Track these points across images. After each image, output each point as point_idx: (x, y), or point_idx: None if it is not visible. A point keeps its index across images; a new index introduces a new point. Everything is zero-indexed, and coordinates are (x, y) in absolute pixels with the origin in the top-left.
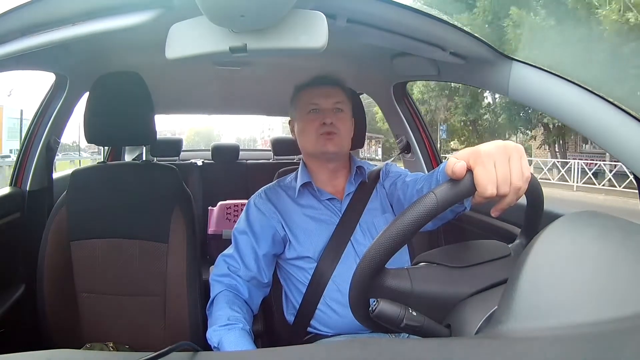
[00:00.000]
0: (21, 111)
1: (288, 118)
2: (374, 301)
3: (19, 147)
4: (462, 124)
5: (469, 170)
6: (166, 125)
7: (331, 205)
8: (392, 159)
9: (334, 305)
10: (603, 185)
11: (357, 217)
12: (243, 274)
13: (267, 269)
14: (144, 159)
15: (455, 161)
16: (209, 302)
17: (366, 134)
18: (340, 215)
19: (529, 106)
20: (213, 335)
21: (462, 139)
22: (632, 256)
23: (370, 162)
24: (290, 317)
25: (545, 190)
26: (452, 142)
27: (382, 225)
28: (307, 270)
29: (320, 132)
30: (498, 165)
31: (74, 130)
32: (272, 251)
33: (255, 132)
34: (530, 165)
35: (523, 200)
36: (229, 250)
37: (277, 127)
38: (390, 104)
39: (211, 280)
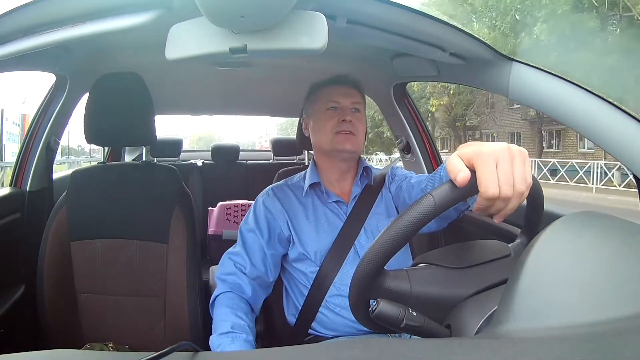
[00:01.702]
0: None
1: (285, 119)
2: (374, 301)
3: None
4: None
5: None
6: (170, 130)
7: (337, 207)
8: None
9: (336, 309)
10: None
11: (362, 221)
12: (249, 272)
13: (274, 269)
14: (144, 159)
15: (459, 169)
16: (212, 299)
17: None
18: (345, 219)
19: (529, 107)
20: (215, 342)
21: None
22: (632, 256)
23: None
24: (291, 318)
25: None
26: None
27: None
28: (309, 272)
29: (338, 129)
30: (500, 166)
31: None
32: (280, 251)
33: (255, 136)
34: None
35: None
36: (235, 248)
37: (272, 132)
38: (390, 105)
39: (216, 279)
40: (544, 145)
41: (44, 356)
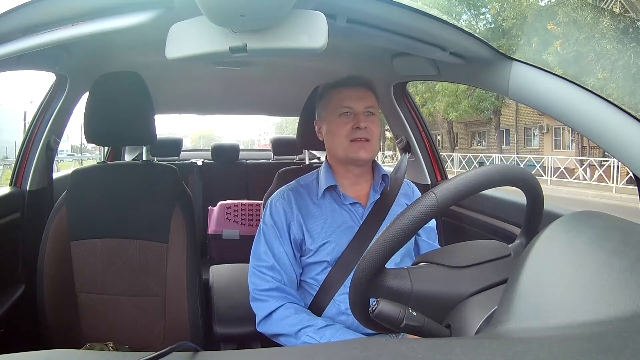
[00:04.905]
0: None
1: (281, 118)
2: (374, 301)
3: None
4: None
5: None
6: (172, 129)
7: (353, 210)
8: None
9: (343, 307)
10: None
11: (378, 225)
12: (288, 282)
13: (298, 269)
14: (144, 158)
15: None
16: (261, 317)
17: None
18: (361, 222)
19: (529, 106)
20: (314, 335)
21: None
22: (632, 256)
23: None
24: None
25: None
26: None
27: None
28: (320, 273)
29: (352, 137)
30: None
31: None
32: (297, 254)
33: (254, 135)
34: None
35: (523, 200)
36: (264, 259)
37: (270, 131)
38: (391, 104)
39: (257, 296)
40: (473, 142)
41: (44, 356)
